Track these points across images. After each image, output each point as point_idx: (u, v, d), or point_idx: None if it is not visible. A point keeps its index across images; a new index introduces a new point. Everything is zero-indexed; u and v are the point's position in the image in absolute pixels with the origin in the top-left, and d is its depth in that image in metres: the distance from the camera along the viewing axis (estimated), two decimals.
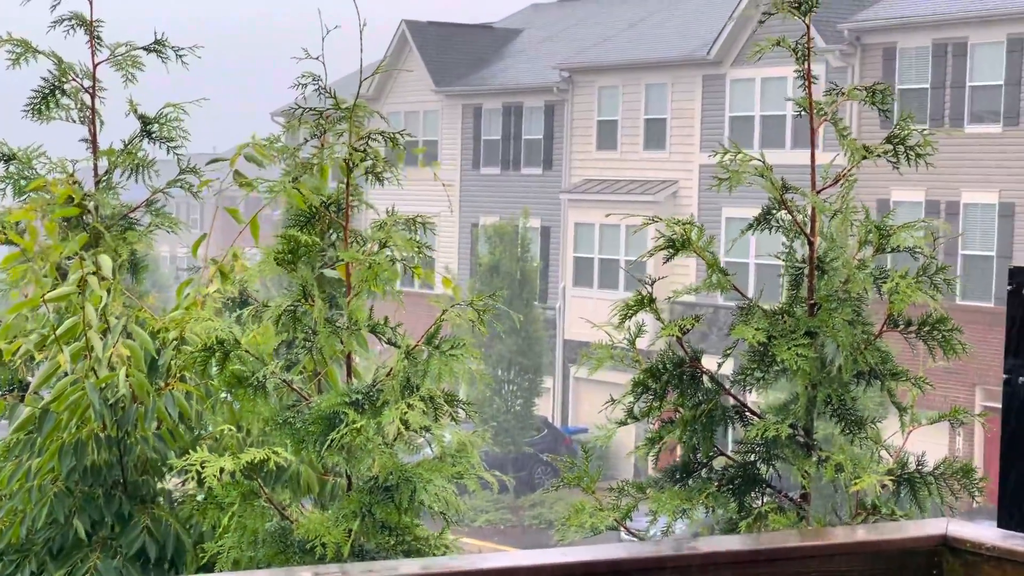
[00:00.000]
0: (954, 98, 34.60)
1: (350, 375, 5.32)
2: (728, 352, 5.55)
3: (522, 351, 40.98)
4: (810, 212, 5.54)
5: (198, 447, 5.18)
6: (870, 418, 5.46)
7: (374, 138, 5.41)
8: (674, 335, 5.52)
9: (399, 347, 5.21)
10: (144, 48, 6.41)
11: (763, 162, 5.57)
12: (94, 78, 6.33)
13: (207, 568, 5.21)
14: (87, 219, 6.11)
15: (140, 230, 6.31)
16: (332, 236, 5.43)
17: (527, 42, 50.46)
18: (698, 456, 5.49)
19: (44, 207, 5.84)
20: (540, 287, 43.23)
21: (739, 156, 5.58)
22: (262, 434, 5.13)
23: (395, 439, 5.03)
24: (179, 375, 5.42)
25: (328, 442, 4.99)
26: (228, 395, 5.22)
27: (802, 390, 5.37)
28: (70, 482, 5.44)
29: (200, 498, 5.40)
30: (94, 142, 6.37)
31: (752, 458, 5.47)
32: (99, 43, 6.33)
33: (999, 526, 4.05)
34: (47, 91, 6.28)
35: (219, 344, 5.10)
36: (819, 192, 5.55)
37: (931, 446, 5.81)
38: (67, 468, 5.40)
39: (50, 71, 6.28)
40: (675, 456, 5.66)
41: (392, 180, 5.54)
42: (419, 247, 5.38)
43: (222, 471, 4.90)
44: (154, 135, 6.41)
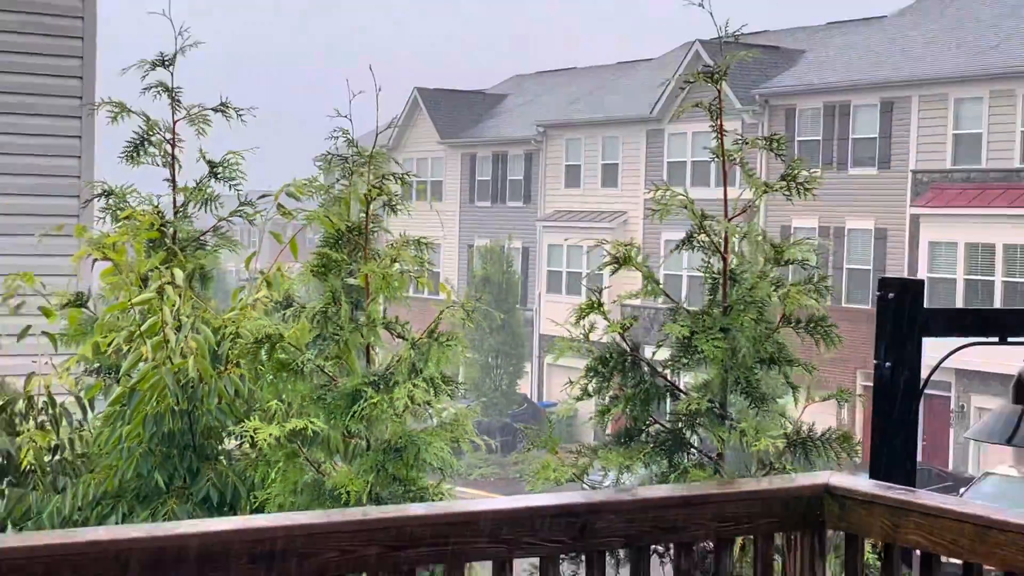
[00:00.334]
0: (840, 148, 34.70)
1: (369, 361, 5.29)
2: (660, 344, 5.55)
3: (507, 343, 41.19)
4: (723, 235, 5.53)
5: (251, 417, 5.16)
6: (772, 395, 5.44)
7: (387, 178, 5.42)
8: (617, 332, 5.52)
9: (406, 339, 5.21)
10: (212, 109, 6.40)
11: (687, 197, 5.56)
12: (174, 132, 6.31)
13: (259, 510, 5.18)
14: (166, 241, 6.09)
15: (208, 250, 6.30)
16: (356, 254, 5.42)
17: (511, 104, 50.49)
18: (638, 424, 5.48)
19: (133, 232, 5.82)
20: (521, 294, 43.27)
21: (668, 193, 5.57)
22: (300, 407, 5.10)
23: (404, 411, 5.01)
24: (235, 362, 5.39)
25: (352, 413, 4.97)
26: (274, 377, 5.20)
27: (718, 373, 5.35)
28: (152, 444, 5.40)
29: (253, 456, 5.38)
30: (173, 181, 6.36)
31: (680, 426, 5.45)
32: (178, 104, 6.31)
33: (870, 477, 4.04)
34: (138, 142, 6.28)
35: (267, 338, 5.08)
36: (730, 219, 5.53)
37: (827, 418, 5.79)
38: (149, 433, 5.37)
39: (140, 126, 6.28)
40: (622, 424, 5.63)
41: (404, 211, 5.59)
42: (422, 262, 5.38)
43: (271, 436, 4.89)
44: (219, 176, 6.39)
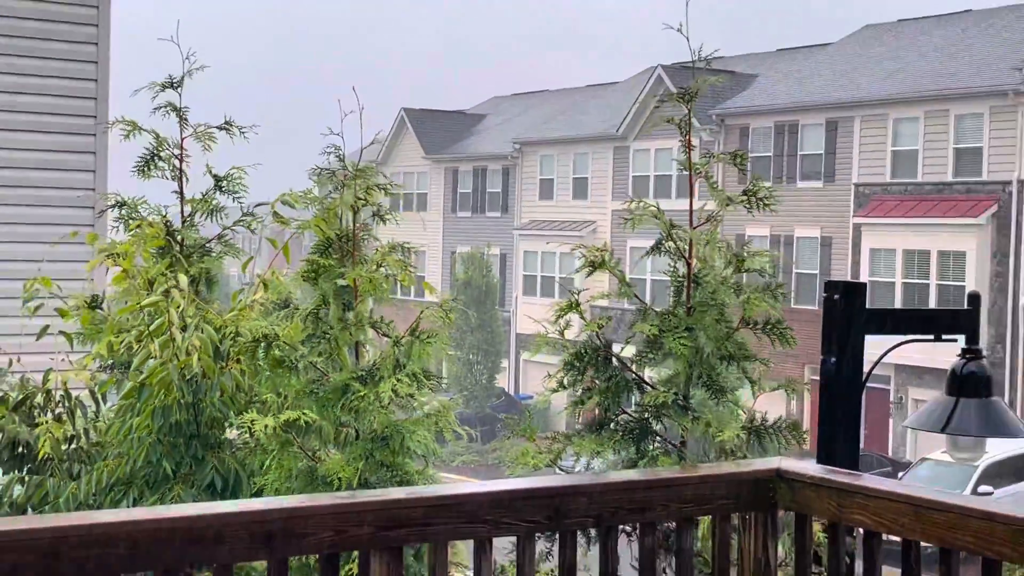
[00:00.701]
0: (789, 163, 34.80)
1: (358, 357, 5.26)
2: (629, 340, 5.54)
3: (487, 341, 41.11)
4: (689, 242, 5.52)
5: (250, 409, 5.12)
6: (731, 388, 5.44)
7: (372, 190, 5.39)
8: (594, 330, 5.50)
9: (390, 337, 5.18)
10: (217, 127, 6.36)
11: (658, 208, 5.57)
12: (182, 148, 6.27)
13: (258, 495, 5.14)
14: (173, 249, 6.05)
15: (213, 256, 6.26)
16: (347, 259, 5.39)
17: (490, 123, 50.45)
18: (608, 415, 5.46)
19: (141, 240, 5.78)
20: (499, 296, 43.20)
21: (641, 204, 5.57)
22: (294, 400, 5.07)
23: (389, 403, 4.98)
24: (236, 358, 5.35)
25: (341, 405, 4.94)
26: (271, 373, 5.16)
27: (683, 368, 5.34)
28: (160, 434, 5.35)
29: (251, 446, 5.34)
30: (181, 193, 6.32)
31: (647, 416, 5.44)
32: (185, 123, 6.27)
33: (817, 462, 4.03)
34: (149, 157, 6.23)
35: (263, 337, 5.04)
36: (695, 228, 5.53)
37: (777, 408, 5.79)
38: (158, 424, 5.33)
39: (151, 143, 6.23)
40: (593, 415, 5.62)
41: (392, 220, 5.58)
42: (405, 265, 5.35)
43: (266, 427, 4.84)
44: (223, 188, 6.34)
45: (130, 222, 6.16)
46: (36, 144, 8.88)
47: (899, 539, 2.94)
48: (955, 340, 4.60)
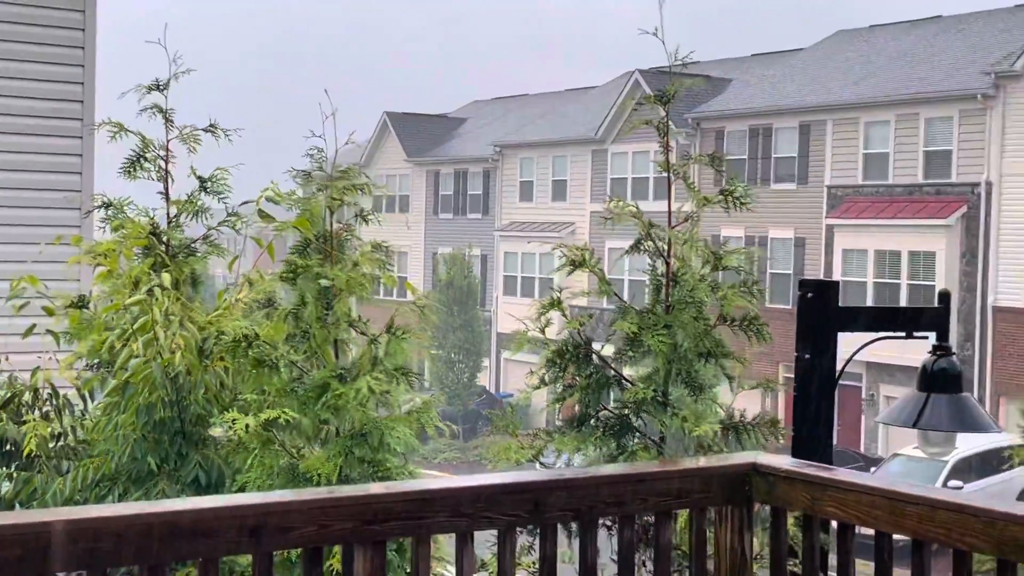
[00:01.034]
0: (763, 165, 34.94)
1: (338, 355, 5.25)
2: (609, 338, 5.55)
3: (469, 340, 41.10)
4: (668, 241, 5.53)
5: (231, 408, 5.10)
6: (709, 385, 5.44)
7: (348, 190, 5.36)
8: (575, 327, 5.51)
9: (366, 335, 5.17)
10: (202, 129, 6.33)
11: (637, 208, 5.58)
12: (167, 149, 6.22)
13: (241, 491, 5.12)
14: (158, 249, 6.01)
15: (198, 256, 6.22)
16: (327, 259, 5.37)
17: (471, 127, 50.44)
18: (589, 411, 5.46)
19: (126, 240, 5.74)
20: (480, 296, 43.20)
21: (620, 204, 5.58)
22: (274, 399, 5.04)
23: (367, 401, 4.97)
24: (219, 356, 5.32)
25: (321, 404, 4.93)
26: (253, 371, 5.13)
27: (662, 365, 5.34)
28: (145, 431, 5.32)
29: (235, 443, 5.31)
30: (167, 194, 6.27)
31: (627, 412, 5.44)
32: (171, 124, 6.22)
33: (792, 456, 4.05)
34: (135, 158, 6.18)
35: (244, 337, 5.02)
36: (673, 228, 5.54)
37: (753, 406, 5.80)
38: (142, 422, 5.30)
39: (137, 144, 6.19)
40: (572, 412, 5.62)
41: (375, 221, 5.54)
42: (382, 264, 5.33)
43: (247, 426, 4.82)
44: (208, 189, 6.30)
45: (115, 222, 6.12)
46: (23, 146, 8.84)
47: (872, 532, 2.95)
48: (926, 337, 4.62)
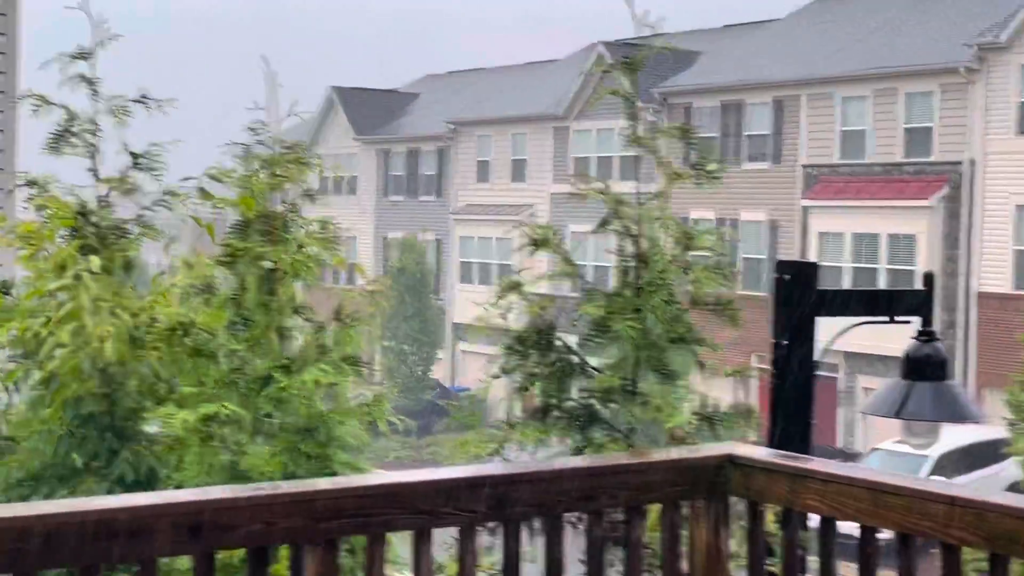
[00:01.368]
0: (735, 143, 35.09)
1: (282, 341, 5.20)
2: (574, 324, 5.55)
3: (422, 330, 41.03)
4: (637, 219, 5.53)
5: (167, 402, 5.05)
6: (681, 372, 5.45)
7: (293, 166, 5.31)
8: (536, 313, 5.50)
9: (313, 322, 5.13)
10: (132, 100, 6.24)
11: (605, 184, 5.58)
12: (95, 123, 6.13)
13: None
14: (85, 230, 5.92)
15: (130, 238, 6.14)
16: (269, 239, 5.32)
17: (424, 103, 50.26)
18: (553, 401, 5.45)
19: (50, 221, 5.66)
20: (435, 284, 43.12)
21: (587, 179, 5.59)
22: (215, 390, 5.00)
23: (312, 393, 4.94)
24: (153, 346, 5.26)
25: (263, 396, 4.89)
26: (190, 361, 5.08)
27: (631, 351, 5.34)
28: (72, 426, 5.26)
29: (171, 439, 5.27)
30: (96, 171, 6.18)
31: (593, 402, 5.44)
32: (96, 96, 6.13)
33: (768, 446, 4.06)
34: (60, 133, 6.09)
35: (180, 325, 4.97)
36: (643, 205, 5.54)
37: (725, 396, 5.82)
38: (70, 416, 5.24)
39: (63, 118, 6.10)
40: (533, 403, 5.60)
41: (324, 203, 5.53)
42: (327, 244, 5.29)
43: (185, 421, 4.78)
44: (141, 166, 6.22)
45: (40, 202, 6.03)
46: None
47: (855, 529, 2.95)
48: (908, 323, 4.65)
